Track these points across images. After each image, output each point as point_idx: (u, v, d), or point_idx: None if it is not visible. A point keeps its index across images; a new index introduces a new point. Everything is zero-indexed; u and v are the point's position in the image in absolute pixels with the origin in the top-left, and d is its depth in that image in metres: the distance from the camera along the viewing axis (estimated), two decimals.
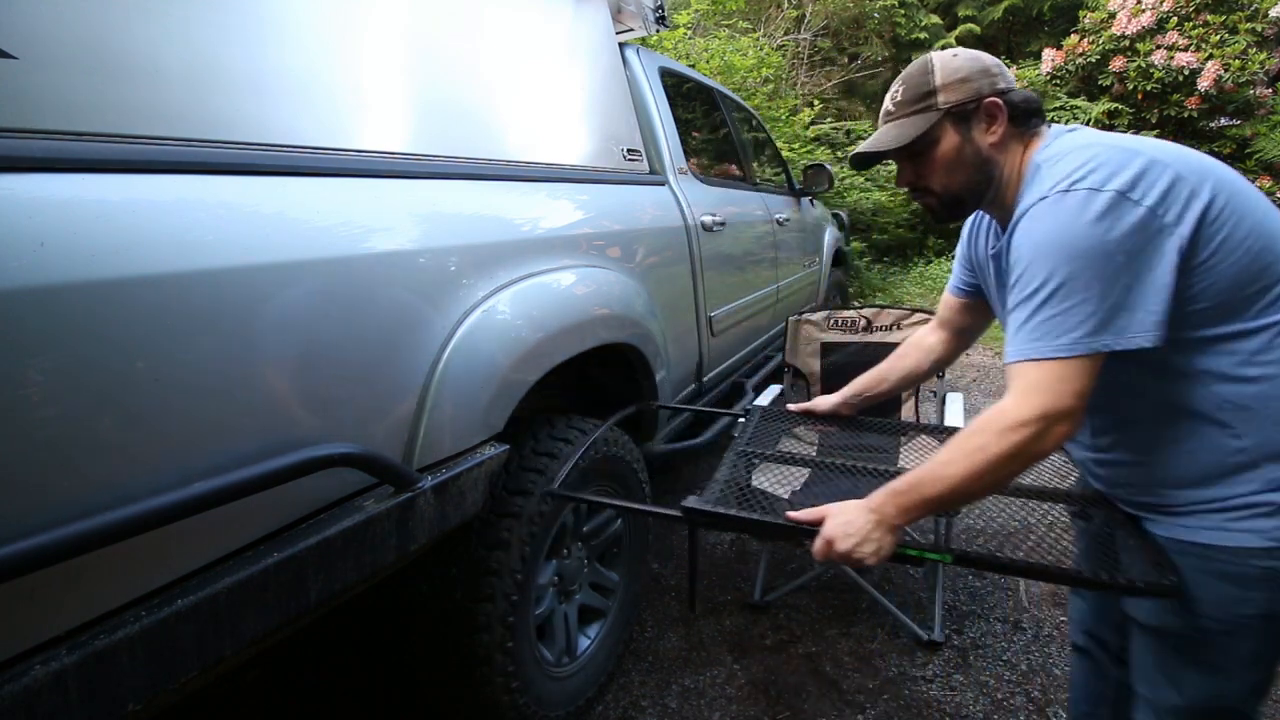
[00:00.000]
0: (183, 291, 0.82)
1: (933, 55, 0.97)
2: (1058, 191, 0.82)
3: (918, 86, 0.95)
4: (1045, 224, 0.83)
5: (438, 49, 1.40)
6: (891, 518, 0.91)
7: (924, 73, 0.96)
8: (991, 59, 0.97)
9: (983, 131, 0.95)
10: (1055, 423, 0.82)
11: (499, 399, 1.28)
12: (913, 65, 0.98)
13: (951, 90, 0.94)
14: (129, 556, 0.77)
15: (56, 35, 0.78)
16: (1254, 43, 7.41)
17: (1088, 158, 0.84)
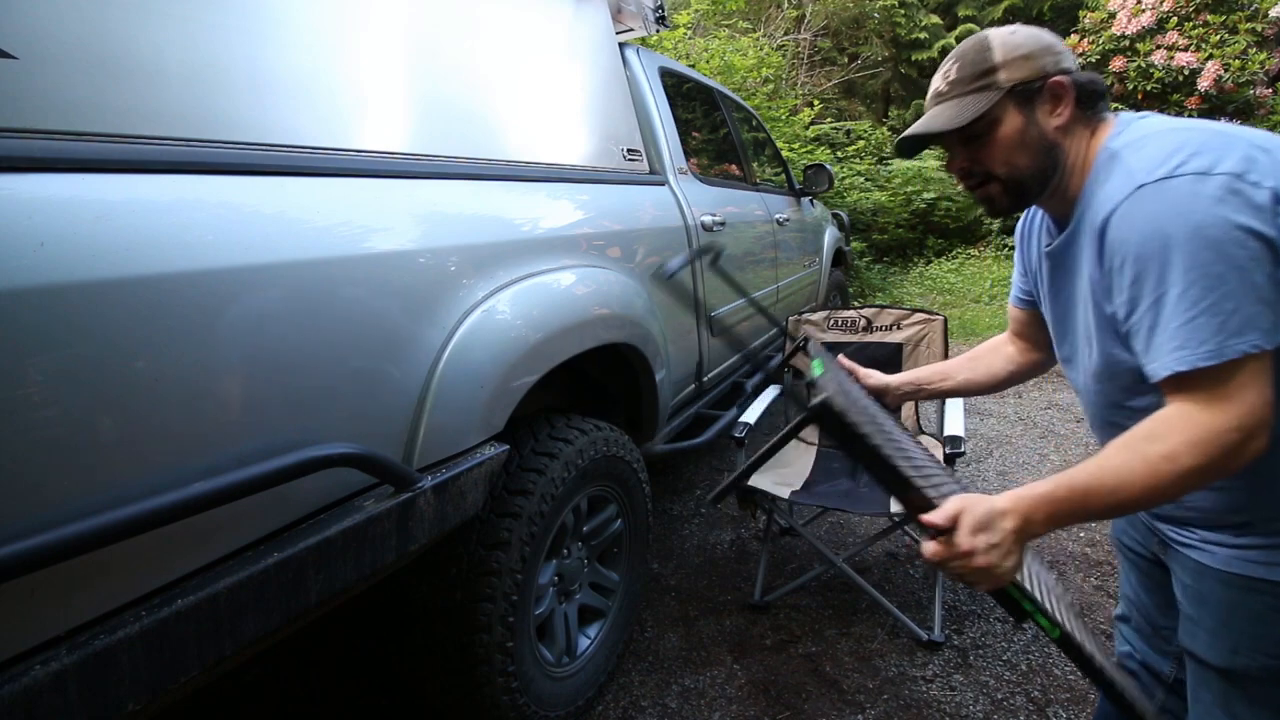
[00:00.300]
0: (183, 291, 0.82)
1: (989, 32, 0.89)
2: (1157, 179, 0.73)
3: (975, 64, 0.86)
4: (1156, 213, 0.73)
5: (438, 49, 1.40)
6: (1035, 528, 0.75)
7: (982, 49, 0.87)
8: (1053, 36, 0.88)
9: (1047, 113, 0.86)
10: (1253, 436, 0.71)
11: (499, 399, 1.28)
12: (966, 42, 0.90)
13: (1014, 67, 0.85)
14: (129, 556, 0.77)
15: (56, 35, 0.78)
16: (1254, 43, 7.41)
17: (1180, 141, 0.76)
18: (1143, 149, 0.79)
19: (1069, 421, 3.57)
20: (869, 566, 2.31)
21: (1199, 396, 0.72)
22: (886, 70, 11.10)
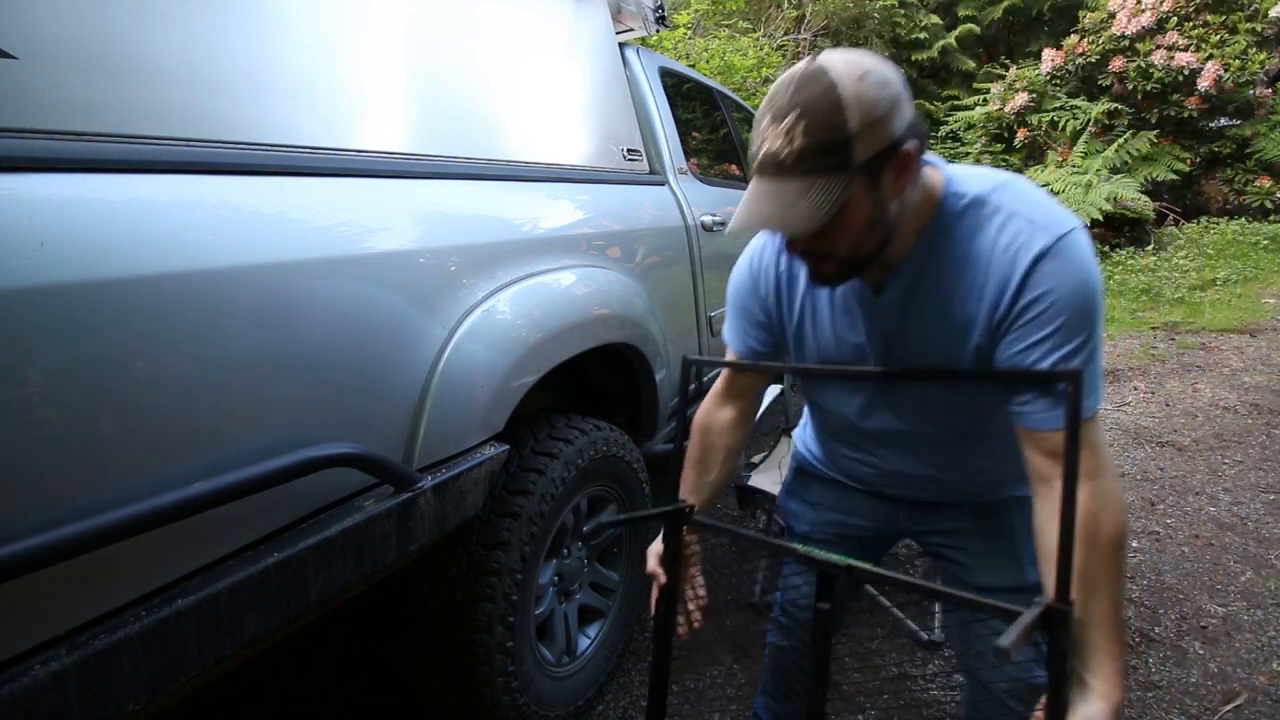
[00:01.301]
0: (183, 291, 0.82)
1: (836, 74, 0.72)
2: (1057, 233, 0.80)
3: (828, 130, 0.72)
4: (1072, 273, 0.79)
5: (438, 49, 1.40)
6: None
7: (834, 109, 0.72)
8: (892, 70, 0.77)
9: (891, 182, 0.78)
10: None
11: (499, 399, 1.28)
12: (808, 89, 0.73)
13: (869, 138, 0.73)
14: (129, 556, 0.77)
15: (56, 35, 0.78)
16: (1254, 43, 7.41)
17: (1034, 190, 0.84)
18: (1021, 198, 0.83)
19: None
20: None
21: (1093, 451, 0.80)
22: None
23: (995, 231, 0.83)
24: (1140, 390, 4.00)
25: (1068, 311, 0.79)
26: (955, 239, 0.85)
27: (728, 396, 1.15)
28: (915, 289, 0.89)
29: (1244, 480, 2.86)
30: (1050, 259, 0.80)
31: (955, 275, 0.86)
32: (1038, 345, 0.81)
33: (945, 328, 0.88)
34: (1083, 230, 0.82)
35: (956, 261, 0.85)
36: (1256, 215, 7.48)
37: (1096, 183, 7.14)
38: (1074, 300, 0.79)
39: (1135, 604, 2.11)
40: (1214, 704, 1.70)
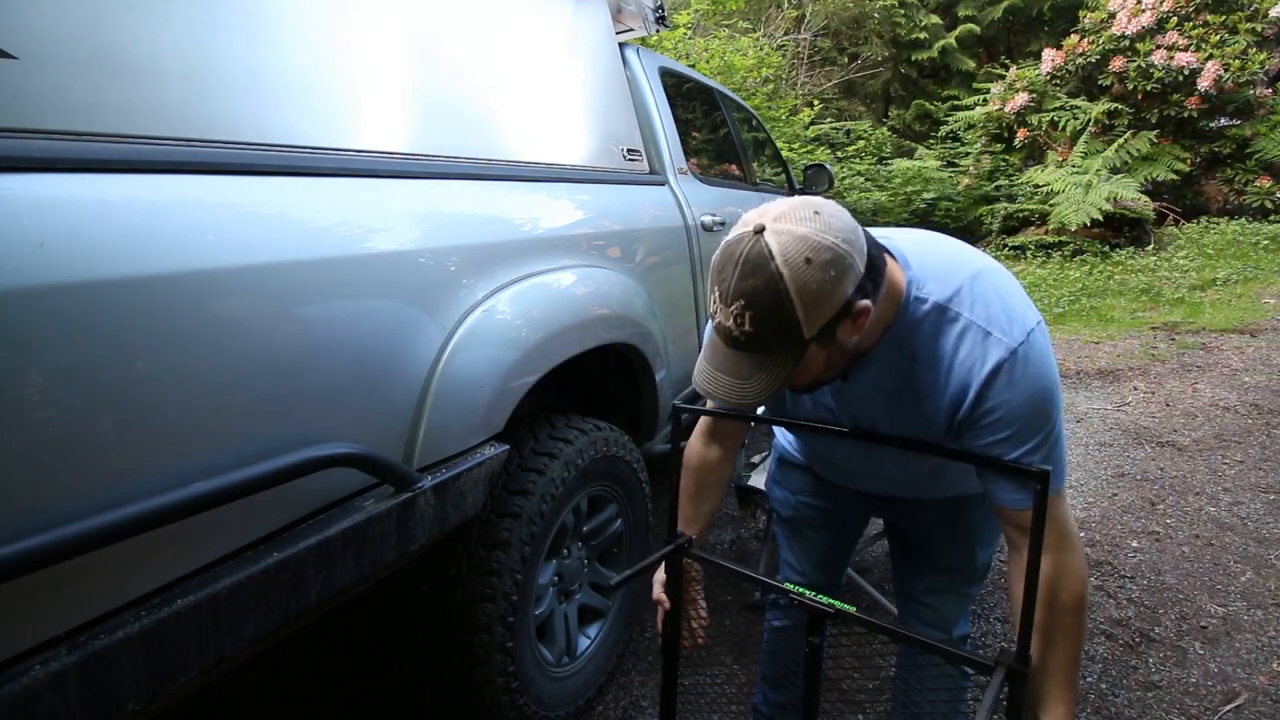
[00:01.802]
0: (183, 291, 0.82)
1: (779, 263, 0.72)
2: (1011, 346, 0.85)
3: (774, 320, 0.74)
4: (1024, 387, 0.85)
5: (438, 49, 1.40)
6: None
7: (779, 301, 0.73)
8: (846, 226, 0.76)
9: (849, 330, 0.80)
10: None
11: (499, 399, 1.28)
12: (753, 279, 0.73)
13: (816, 316, 0.74)
14: (129, 556, 0.77)
15: (56, 35, 0.78)
16: (1254, 43, 7.42)
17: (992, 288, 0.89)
18: (977, 305, 0.87)
19: (1069, 422, 3.57)
20: (869, 566, 2.31)
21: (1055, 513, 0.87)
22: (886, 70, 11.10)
23: (955, 340, 0.88)
24: (1140, 390, 4.00)
25: (1023, 418, 0.86)
26: (919, 340, 0.90)
27: (714, 436, 1.22)
28: (880, 381, 0.95)
29: (1244, 480, 2.86)
30: (1004, 374, 0.85)
31: (918, 374, 0.91)
32: (998, 445, 0.88)
33: (909, 418, 0.95)
34: (1040, 330, 0.88)
35: (919, 363, 0.90)
36: (1256, 215, 7.49)
37: (1096, 183, 7.15)
38: (1028, 408, 0.85)
39: (1135, 604, 2.10)
40: (1214, 704, 1.70)
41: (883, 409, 0.98)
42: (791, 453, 1.35)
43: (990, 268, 0.93)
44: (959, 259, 0.93)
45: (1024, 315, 0.88)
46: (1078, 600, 0.88)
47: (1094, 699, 1.73)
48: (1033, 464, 0.85)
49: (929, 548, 1.24)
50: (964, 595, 1.26)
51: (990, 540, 1.22)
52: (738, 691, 1.76)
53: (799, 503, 1.35)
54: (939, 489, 1.17)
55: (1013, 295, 0.90)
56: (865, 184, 8.35)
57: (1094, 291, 6.38)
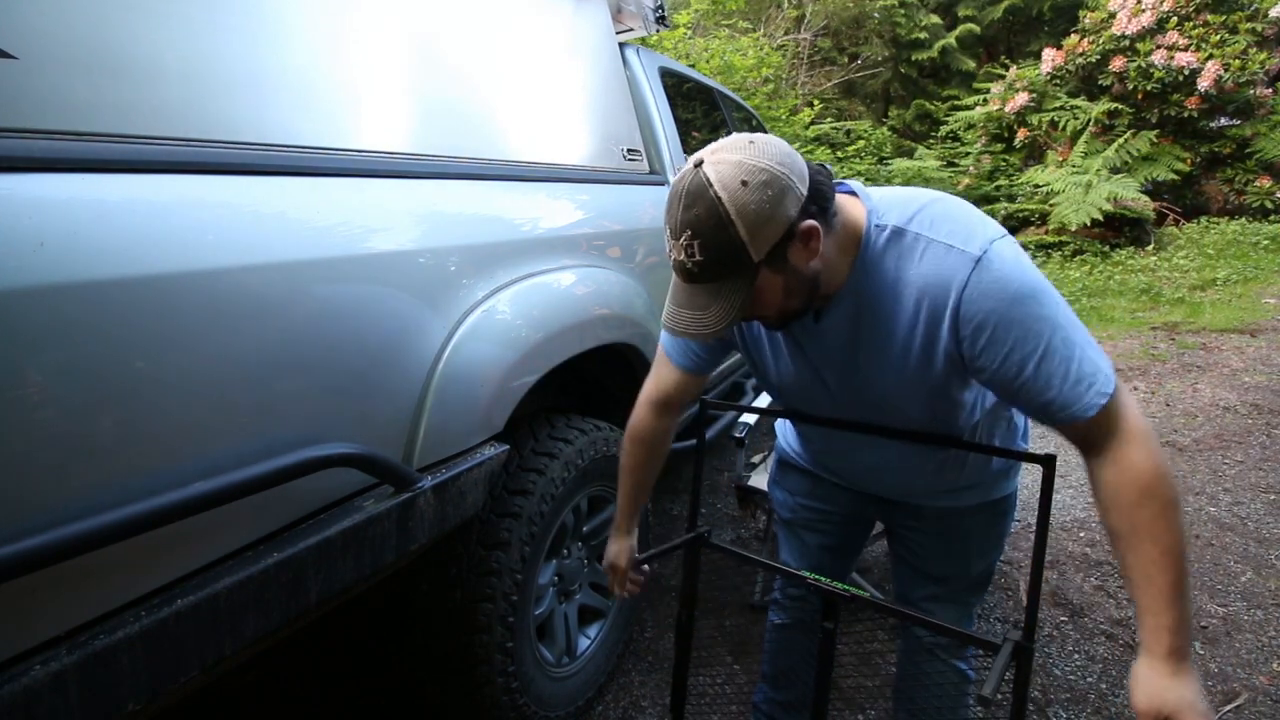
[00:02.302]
0: (183, 291, 0.82)
1: (717, 188, 0.76)
2: (974, 255, 0.82)
3: (720, 246, 0.77)
4: (999, 289, 0.81)
5: (438, 49, 1.40)
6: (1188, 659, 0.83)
7: (720, 224, 0.76)
8: (780, 151, 0.79)
9: (802, 254, 0.82)
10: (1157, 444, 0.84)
11: (499, 399, 1.28)
12: (695, 207, 0.77)
13: (761, 239, 0.77)
14: (129, 556, 0.77)
15: (56, 35, 0.78)
16: (1254, 43, 7.42)
17: (953, 209, 0.87)
18: (937, 222, 0.86)
19: None
20: (869, 566, 2.31)
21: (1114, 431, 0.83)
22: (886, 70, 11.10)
23: (918, 260, 0.86)
24: (1140, 390, 4.00)
25: (1013, 323, 0.81)
26: (883, 271, 0.88)
27: (663, 406, 1.18)
28: (856, 318, 0.93)
29: (1244, 480, 2.86)
30: (973, 286, 0.82)
31: (889, 306, 0.89)
32: (1008, 364, 0.83)
33: (893, 354, 0.92)
34: (1004, 240, 0.84)
35: (887, 292, 0.89)
36: (1256, 215, 7.48)
37: (1096, 183, 7.14)
38: (1012, 311, 0.81)
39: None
40: (1214, 704, 1.70)
41: (864, 359, 0.95)
42: (791, 454, 1.35)
43: (952, 197, 0.91)
44: (920, 191, 0.93)
45: (985, 228, 0.85)
46: (1143, 492, 0.80)
47: (1094, 699, 1.73)
48: (1061, 374, 0.81)
49: (927, 555, 1.24)
50: (964, 604, 1.26)
51: (988, 551, 1.22)
52: (738, 691, 1.76)
53: (798, 504, 1.35)
54: (933, 492, 1.16)
55: (974, 214, 0.88)
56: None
57: (1094, 291, 6.39)
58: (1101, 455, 0.84)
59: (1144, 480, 0.80)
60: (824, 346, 0.98)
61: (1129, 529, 0.81)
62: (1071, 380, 0.82)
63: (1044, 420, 0.87)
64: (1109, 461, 0.83)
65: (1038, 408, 0.85)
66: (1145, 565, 0.80)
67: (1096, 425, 0.83)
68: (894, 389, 0.96)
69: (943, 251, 0.84)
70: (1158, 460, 0.81)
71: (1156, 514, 0.80)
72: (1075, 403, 0.82)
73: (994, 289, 0.81)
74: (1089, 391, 0.82)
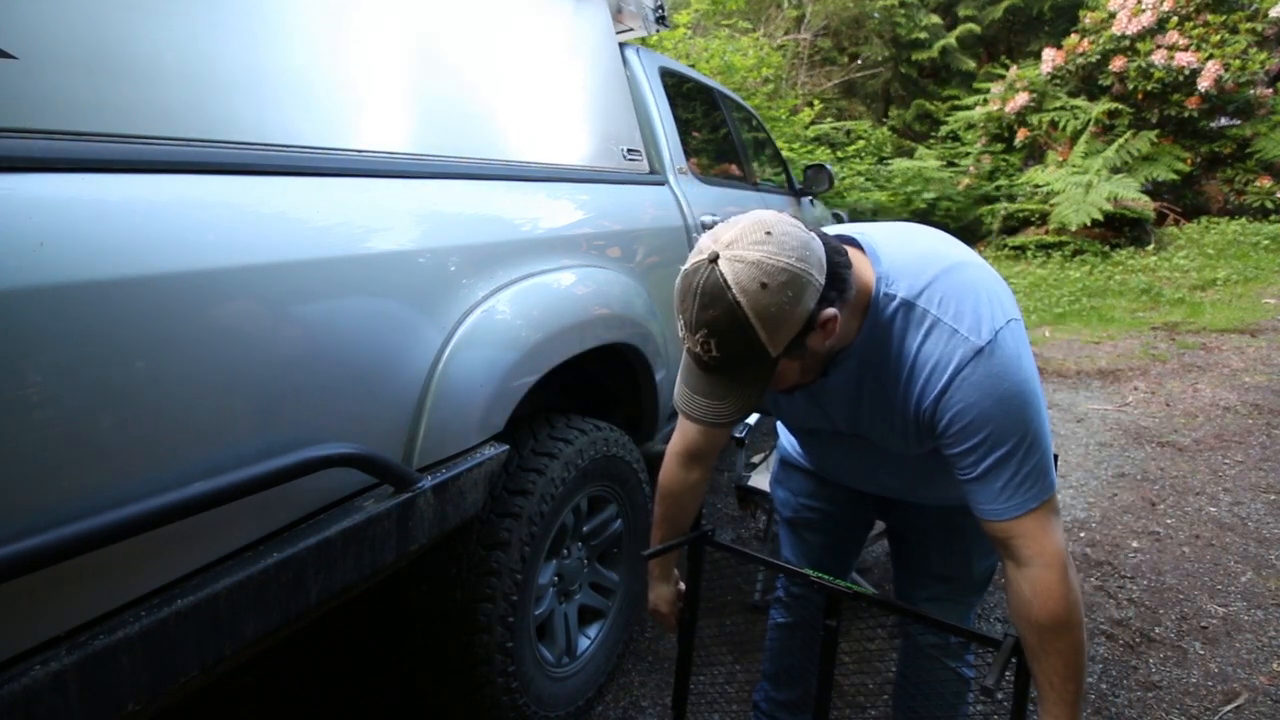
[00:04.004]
0: (183, 291, 0.82)
1: (735, 291, 0.73)
2: (977, 345, 0.82)
3: (739, 345, 0.76)
4: (990, 385, 0.82)
5: (438, 49, 1.40)
6: None
7: (739, 326, 0.74)
8: (799, 243, 0.76)
9: (820, 339, 0.82)
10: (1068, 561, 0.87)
11: (499, 399, 1.28)
12: (713, 308, 0.74)
13: (780, 336, 0.76)
14: (129, 556, 0.77)
15: (56, 35, 0.78)
16: (1254, 43, 7.42)
17: (962, 286, 0.86)
18: (947, 302, 0.85)
19: (1069, 422, 3.57)
20: (869, 566, 2.31)
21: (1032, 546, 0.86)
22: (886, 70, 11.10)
23: (922, 338, 0.87)
24: (1140, 390, 4.00)
25: (990, 422, 0.83)
26: (890, 338, 0.89)
27: (693, 459, 1.18)
28: (861, 377, 0.94)
29: (1244, 480, 2.86)
30: (968, 374, 0.83)
31: (891, 372, 0.90)
32: (969, 454, 0.86)
33: (889, 415, 0.94)
34: (1011, 329, 0.84)
35: (890, 360, 0.90)
36: (1257, 215, 7.48)
37: (1097, 183, 7.14)
38: (995, 411, 0.83)
39: (1135, 604, 2.10)
40: (1214, 704, 1.70)
41: (866, 414, 0.98)
42: (793, 454, 1.35)
43: (966, 263, 0.90)
44: (934, 254, 0.91)
45: (994, 313, 0.85)
46: (1054, 618, 0.85)
47: (1094, 699, 1.73)
48: (1009, 477, 0.84)
49: (927, 554, 1.24)
50: (964, 604, 1.26)
51: (989, 550, 1.20)
52: (738, 691, 1.76)
53: (799, 504, 1.35)
54: (935, 494, 1.16)
55: (986, 291, 0.87)
56: (865, 184, 8.34)
57: (1094, 291, 6.38)
58: (1020, 568, 0.87)
59: (1058, 612, 0.85)
60: (832, 395, 1.00)
61: (1039, 647, 0.88)
62: (1014, 485, 0.85)
63: (973, 505, 0.90)
64: (1026, 580, 0.87)
65: (970, 493, 0.89)
66: (1051, 675, 0.87)
67: (1018, 530, 0.86)
68: (895, 443, 0.99)
69: (948, 335, 0.84)
70: (1070, 590, 0.85)
71: (1067, 642, 0.86)
72: (1004, 502, 0.86)
73: (986, 383, 0.83)
74: (1023, 495, 0.85)
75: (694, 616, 1.26)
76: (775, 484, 1.43)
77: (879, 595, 1.01)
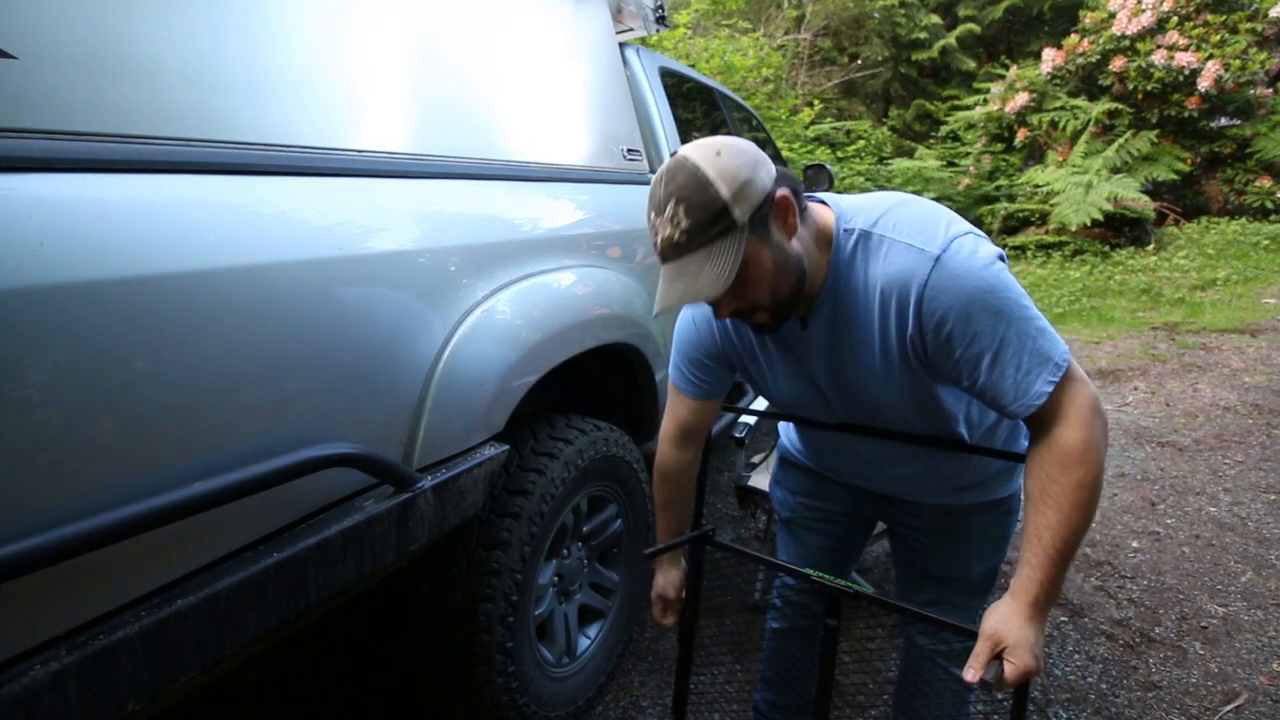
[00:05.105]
0: (183, 291, 0.82)
1: (693, 158, 0.83)
2: (934, 254, 0.84)
3: (705, 205, 0.81)
4: (956, 286, 0.83)
5: (438, 49, 1.40)
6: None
7: (702, 185, 0.81)
8: (743, 141, 0.87)
9: (781, 229, 0.86)
10: (1101, 413, 0.86)
11: (499, 399, 1.28)
12: (677, 179, 0.82)
13: (743, 199, 0.82)
14: (129, 556, 0.77)
15: (56, 35, 0.78)
16: (1254, 43, 7.42)
17: (916, 211, 0.89)
18: (901, 224, 0.88)
19: None
20: (869, 566, 2.31)
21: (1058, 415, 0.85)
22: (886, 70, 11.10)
23: (881, 261, 0.89)
24: (1140, 390, 4.00)
25: (972, 319, 0.84)
26: (853, 274, 0.91)
27: (685, 437, 1.21)
28: (834, 322, 0.95)
29: (1244, 480, 2.86)
30: (933, 283, 0.84)
31: (862, 308, 0.92)
32: (966, 359, 0.86)
33: (871, 356, 0.94)
34: (965, 237, 0.86)
35: (858, 295, 0.91)
36: (1256, 215, 7.48)
37: (1097, 183, 7.14)
38: (970, 307, 0.83)
39: (1135, 604, 2.11)
40: (1214, 704, 1.70)
41: (848, 360, 0.97)
42: (793, 452, 1.35)
43: (918, 199, 0.93)
44: (891, 195, 0.95)
45: (950, 227, 0.87)
46: (1063, 464, 0.83)
47: (1094, 699, 1.73)
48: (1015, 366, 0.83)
49: (928, 556, 1.24)
50: (965, 609, 1.25)
51: (990, 553, 1.21)
52: (738, 691, 1.76)
53: (798, 504, 1.35)
54: (934, 489, 1.16)
55: (938, 214, 0.89)
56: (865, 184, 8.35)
57: (1094, 291, 6.39)
58: (1042, 434, 0.87)
59: (1070, 454, 0.84)
60: (812, 352, 1.00)
61: (1040, 493, 0.86)
62: (1022, 372, 0.84)
63: (1000, 412, 0.89)
64: (1045, 438, 0.87)
65: (992, 401, 0.88)
66: (1040, 526, 0.86)
67: (1043, 411, 0.86)
68: (878, 391, 0.98)
69: (904, 250, 0.87)
70: (1091, 440, 0.84)
71: (1069, 486, 0.84)
72: (1024, 395, 0.85)
73: (952, 285, 0.84)
74: (1037, 382, 0.84)
75: (694, 616, 1.26)
76: (775, 484, 1.43)
77: (879, 595, 1.01)
